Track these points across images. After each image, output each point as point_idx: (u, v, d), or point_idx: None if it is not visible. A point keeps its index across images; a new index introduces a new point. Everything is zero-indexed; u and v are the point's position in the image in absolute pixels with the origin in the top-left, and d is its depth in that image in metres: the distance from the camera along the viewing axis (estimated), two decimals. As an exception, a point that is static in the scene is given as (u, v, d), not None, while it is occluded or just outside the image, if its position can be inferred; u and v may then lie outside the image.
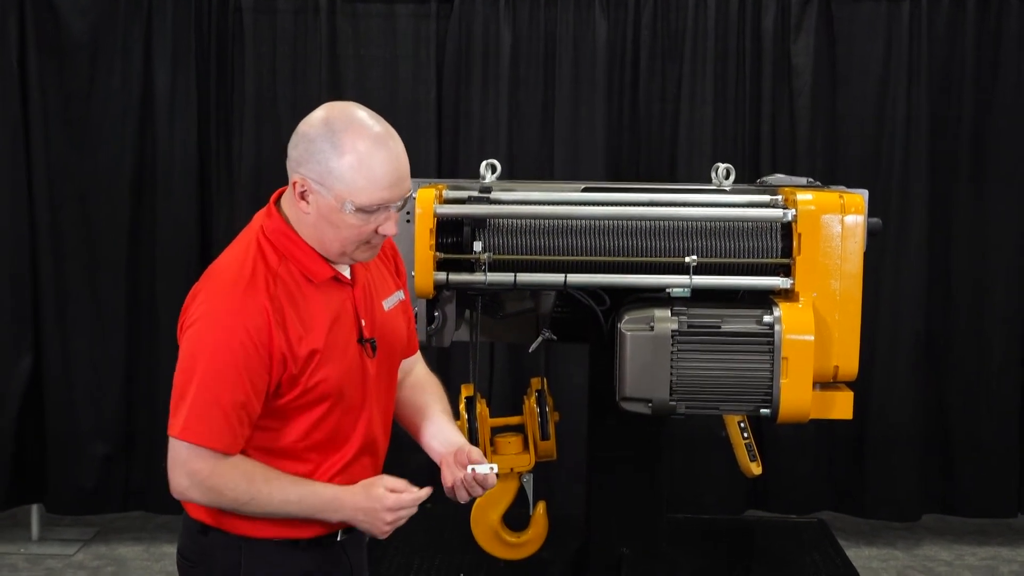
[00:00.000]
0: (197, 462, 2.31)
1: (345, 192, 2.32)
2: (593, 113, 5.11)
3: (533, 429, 3.66)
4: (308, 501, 2.39)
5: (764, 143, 5.14)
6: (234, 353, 2.29)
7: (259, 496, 2.34)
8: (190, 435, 2.30)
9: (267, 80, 5.11)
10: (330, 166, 2.31)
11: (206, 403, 2.29)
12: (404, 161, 2.38)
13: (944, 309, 5.23)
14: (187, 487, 2.34)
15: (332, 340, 2.40)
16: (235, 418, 2.31)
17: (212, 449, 2.31)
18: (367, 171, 2.31)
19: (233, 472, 2.33)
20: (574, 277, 3.34)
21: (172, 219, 5.12)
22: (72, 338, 5.14)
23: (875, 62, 5.11)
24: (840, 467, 5.29)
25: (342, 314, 2.45)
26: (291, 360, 2.34)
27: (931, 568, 5.05)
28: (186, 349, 2.33)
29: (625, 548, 3.72)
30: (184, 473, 2.33)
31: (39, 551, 5.10)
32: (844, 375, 3.33)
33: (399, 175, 2.36)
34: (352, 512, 2.41)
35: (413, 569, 4.21)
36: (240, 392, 2.30)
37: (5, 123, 5.02)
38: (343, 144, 2.31)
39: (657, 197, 3.45)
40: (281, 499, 2.36)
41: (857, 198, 3.33)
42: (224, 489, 2.33)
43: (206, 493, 2.34)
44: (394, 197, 2.36)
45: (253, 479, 2.34)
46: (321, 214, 2.36)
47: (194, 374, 2.30)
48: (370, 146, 2.32)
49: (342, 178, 2.31)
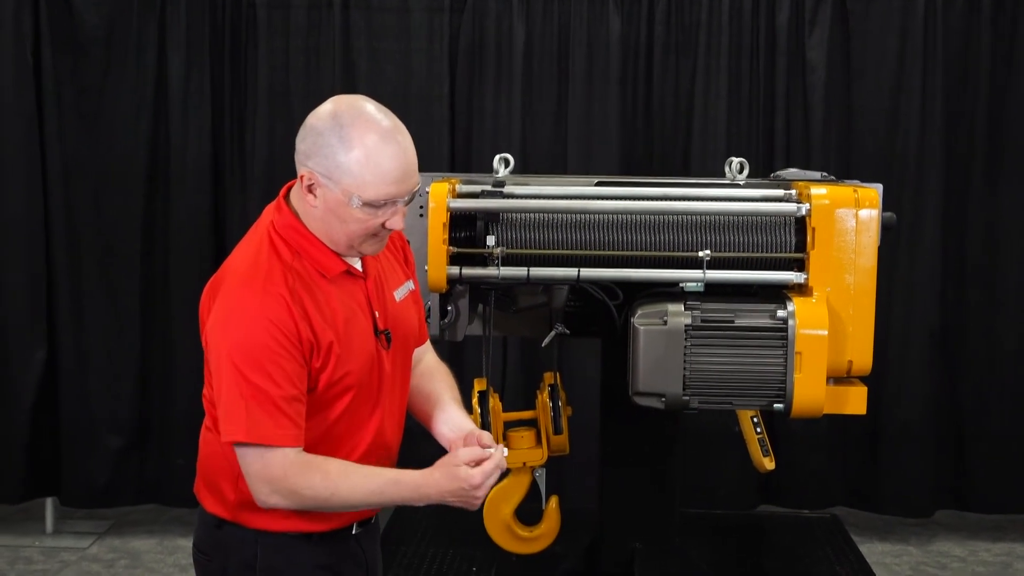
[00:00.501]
0: (271, 467, 2.30)
1: (352, 186, 2.31)
2: (606, 108, 5.09)
3: (546, 423, 3.67)
4: (390, 491, 2.38)
5: (778, 137, 5.11)
6: (267, 347, 2.27)
7: (340, 491, 2.33)
8: (256, 436, 2.28)
9: (280, 74, 5.10)
10: (338, 160, 2.30)
11: (258, 402, 2.27)
12: (412, 156, 2.36)
13: (958, 304, 5.19)
14: (268, 494, 2.32)
15: (351, 334, 2.40)
16: (290, 411, 2.29)
17: (281, 447, 2.29)
18: (375, 166, 2.30)
19: (306, 471, 2.31)
20: (587, 271, 3.34)
21: (186, 212, 5.12)
22: (86, 331, 5.14)
23: (890, 56, 5.08)
24: (853, 462, 5.26)
25: (357, 307, 2.44)
26: (316, 351, 2.33)
27: (945, 564, 5.02)
28: (216, 356, 2.32)
29: (637, 543, 3.75)
30: (263, 481, 2.31)
31: (54, 544, 5.10)
32: (858, 370, 3.31)
33: (407, 170, 2.34)
34: (440, 496, 2.39)
35: (425, 563, 4.23)
36: (286, 384, 2.29)
37: (20, 116, 5.01)
38: (351, 138, 2.30)
39: (670, 191, 3.46)
40: (364, 492, 2.36)
41: (871, 192, 3.32)
42: (302, 489, 2.31)
43: (288, 497, 2.32)
44: (402, 192, 2.35)
45: (328, 474, 2.33)
46: (328, 207, 2.35)
47: (235, 377, 2.28)
48: (378, 141, 2.30)
49: (349, 172, 2.30)
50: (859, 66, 5.10)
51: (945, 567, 4.99)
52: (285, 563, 2.44)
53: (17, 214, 5.06)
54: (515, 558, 3.86)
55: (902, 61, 5.07)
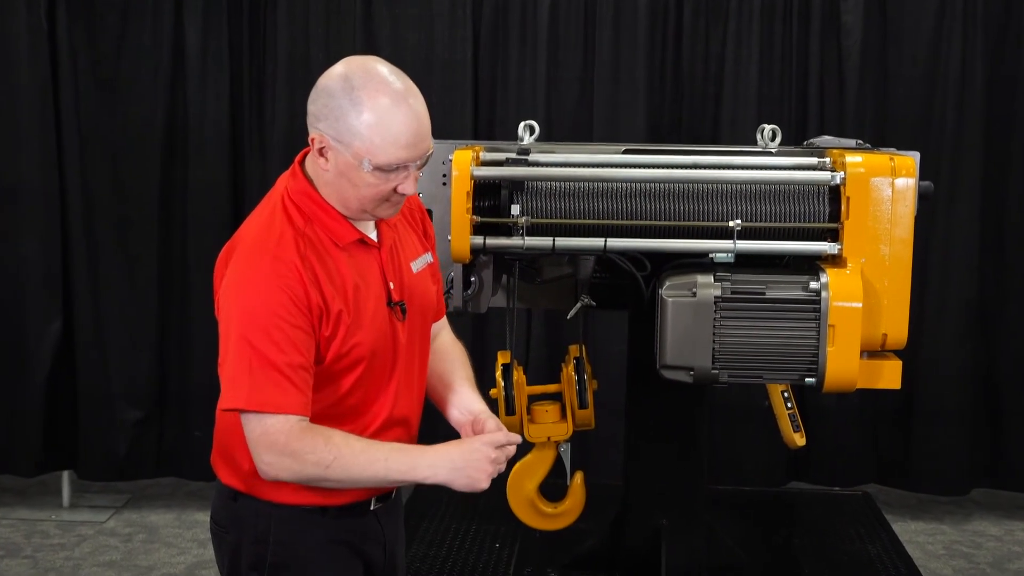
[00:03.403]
0: (272, 433, 2.25)
1: (363, 150, 2.28)
2: (634, 73, 5.03)
3: (571, 397, 3.65)
4: (395, 458, 2.32)
5: (812, 104, 5.05)
6: (275, 314, 2.25)
7: (343, 455, 2.27)
8: (257, 403, 2.25)
9: (300, 40, 5.06)
10: (348, 123, 2.27)
11: (263, 369, 2.24)
12: (425, 119, 2.32)
13: (996, 276, 5.13)
14: (270, 463, 2.27)
15: (362, 303, 2.36)
16: (297, 379, 2.26)
17: (283, 413, 2.25)
18: (385, 129, 2.27)
19: (308, 435, 2.26)
20: (614, 242, 3.33)
21: (204, 180, 5.09)
22: (103, 301, 5.13)
23: (928, 18, 5.00)
24: (886, 439, 5.22)
25: (369, 277, 2.41)
26: (326, 318, 2.31)
27: (980, 544, 4.97)
28: (225, 321, 2.30)
29: (664, 520, 3.72)
30: (264, 449, 2.26)
31: (70, 518, 5.09)
32: (892, 343, 3.29)
33: (419, 134, 2.30)
34: (450, 464, 2.33)
35: (448, 538, 4.28)
36: (292, 351, 2.25)
37: (34, 83, 4.98)
38: (362, 100, 2.27)
39: (700, 159, 3.43)
40: (367, 458, 2.29)
41: (908, 160, 3.28)
42: (304, 453, 2.25)
43: (289, 463, 2.26)
44: (413, 156, 2.31)
45: (331, 439, 2.28)
46: (340, 171, 2.32)
47: (241, 343, 2.25)
48: (389, 104, 2.27)
49: (360, 136, 2.27)
50: (896, 29, 5.04)
51: (980, 546, 4.95)
52: (299, 537, 2.42)
53: (33, 183, 5.03)
54: (538, 534, 3.86)
55: (940, 24, 4.99)
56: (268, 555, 2.41)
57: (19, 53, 4.97)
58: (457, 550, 4.17)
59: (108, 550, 4.76)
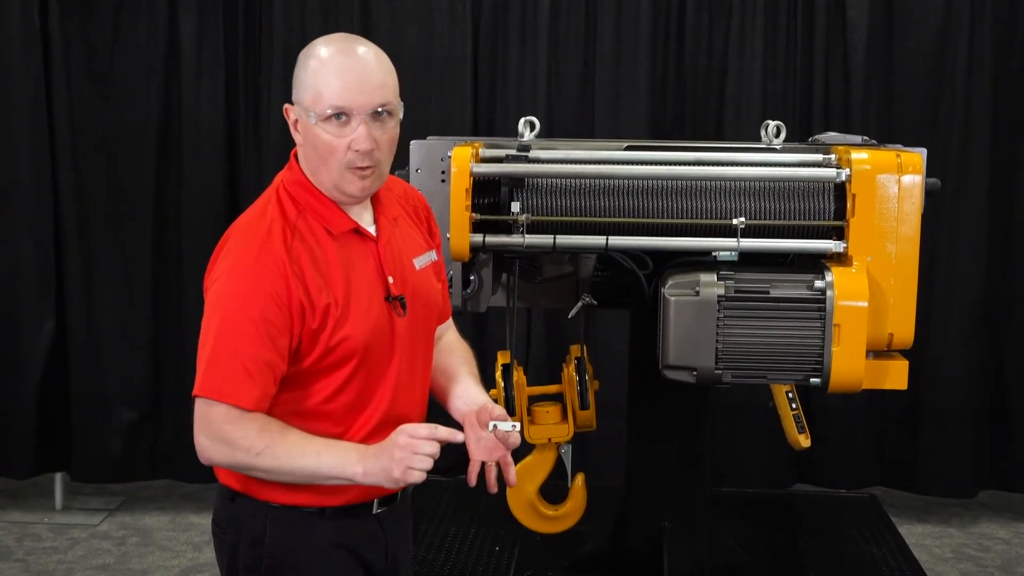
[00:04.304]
0: (210, 418, 2.24)
1: (309, 102, 2.27)
2: (636, 68, 4.99)
3: (572, 398, 3.65)
4: (327, 453, 2.25)
5: (816, 100, 5.01)
6: (251, 307, 2.24)
7: (274, 445, 2.23)
8: (208, 391, 2.24)
9: (296, 35, 5.00)
10: (299, 78, 2.30)
11: (225, 358, 2.24)
12: (374, 67, 2.29)
13: (1004, 275, 5.09)
14: (205, 447, 2.26)
15: (353, 295, 2.33)
16: (257, 373, 2.23)
17: (232, 405, 2.23)
18: (325, 75, 2.26)
19: (247, 422, 2.24)
20: (616, 240, 3.32)
21: (199, 177, 5.05)
22: (97, 301, 5.08)
23: (934, 13, 4.96)
24: (892, 440, 5.19)
25: (364, 269, 2.37)
26: (310, 312, 2.27)
27: (988, 547, 4.93)
28: (207, 308, 2.30)
29: (666, 522, 3.73)
30: (201, 432, 2.26)
31: (63, 520, 5.04)
32: (899, 343, 3.27)
33: (363, 78, 2.26)
34: (376, 455, 2.23)
35: (447, 541, 4.29)
36: (261, 347, 2.23)
37: (27, 78, 4.93)
38: (310, 54, 2.30)
39: (703, 156, 3.43)
40: (299, 451, 2.24)
41: (915, 157, 3.26)
42: (237, 439, 2.24)
43: (221, 447, 2.25)
44: (355, 104, 2.26)
45: (266, 428, 2.25)
46: (305, 137, 2.32)
47: (212, 331, 2.25)
48: (334, 52, 2.28)
49: (306, 85, 2.28)
50: (902, 24, 5.00)
51: (988, 549, 4.91)
52: (296, 539, 2.38)
53: (25, 180, 4.98)
54: (539, 537, 3.87)
55: (947, 18, 4.95)
56: (264, 558, 2.37)
57: (11, 49, 4.91)
58: (457, 553, 4.17)
59: (101, 553, 4.71)
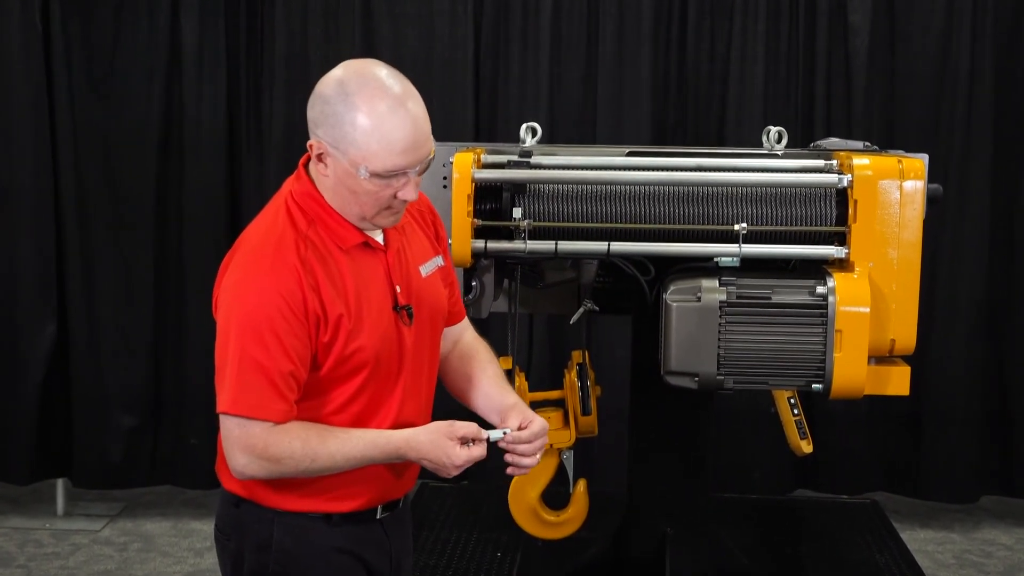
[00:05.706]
0: (251, 437, 2.27)
1: (359, 157, 2.25)
2: (638, 73, 4.98)
3: (574, 404, 3.65)
4: (371, 454, 2.32)
5: (818, 105, 5.00)
6: (270, 319, 2.24)
7: (320, 456, 2.29)
8: (242, 409, 2.26)
9: (298, 39, 5.02)
10: (344, 130, 2.24)
11: (252, 374, 2.25)
12: (423, 124, 2.28)
13: (1007, 280, 5.07)
14: (245, 464, 2.29)
15: (364, 307, 2.34)
16: (283, 386, 2.26)
17: (265, 420, 2.26)
18: (381, 136, 2.23)
19: (286, 437, 2.27)
20: (618, 245, 3.32)
21: (200, 181, 5.04)
22: (98, 306, 5.07)
23: (937, 17, 4.95)
24: (894, 445, 5.18)
25: (374, 280, 2.38)
26: (323, 323, 2.29)
27: (990, 552, 4.92)
28: (222, 321, 2.30)
29: (668, 528, 3.72)
30: (240, 451, 2.28)
31: (64, 526, 5.04)
32: (901, 349, 3.27)
33: (417, 140, 2.27)
34: (418, 457, 2.35)
35: (449, 548, 4.27)
36: (282, 358, 2.25)
37: (28, 81, 4.93)
38: (357, 106, 2.23)
39: (705, 162, 3.42)
40: (343, 457, 2.30)
41: (917, 163, 3.26)
42: (282, 457, 2.27)
43: (266, 466, 2.29)
44: (411, 163, 2.28)
45: (308, 440, 2.28)
46: (338, 178, 2.30)
47: (233, 345, 2.26)
48: (385, 109, 2.23)
49: (356, 143, 2.24)
50: (904, 29, 4.98)
51: (990, 555, 4.90)
52: (302, 545, 2.40)
53: (26, 184, 4.97)
54: (541, 543, 3.87)
55: (949, 23, 4.94)
56: (270, 563, 2.39)
57: (12, 52, 4.91)
58: (458, 559, 4.16)
59: (103, 559, 4.70)
